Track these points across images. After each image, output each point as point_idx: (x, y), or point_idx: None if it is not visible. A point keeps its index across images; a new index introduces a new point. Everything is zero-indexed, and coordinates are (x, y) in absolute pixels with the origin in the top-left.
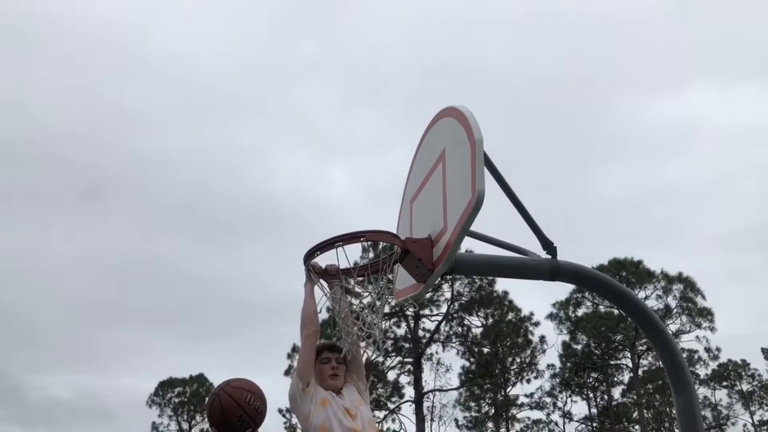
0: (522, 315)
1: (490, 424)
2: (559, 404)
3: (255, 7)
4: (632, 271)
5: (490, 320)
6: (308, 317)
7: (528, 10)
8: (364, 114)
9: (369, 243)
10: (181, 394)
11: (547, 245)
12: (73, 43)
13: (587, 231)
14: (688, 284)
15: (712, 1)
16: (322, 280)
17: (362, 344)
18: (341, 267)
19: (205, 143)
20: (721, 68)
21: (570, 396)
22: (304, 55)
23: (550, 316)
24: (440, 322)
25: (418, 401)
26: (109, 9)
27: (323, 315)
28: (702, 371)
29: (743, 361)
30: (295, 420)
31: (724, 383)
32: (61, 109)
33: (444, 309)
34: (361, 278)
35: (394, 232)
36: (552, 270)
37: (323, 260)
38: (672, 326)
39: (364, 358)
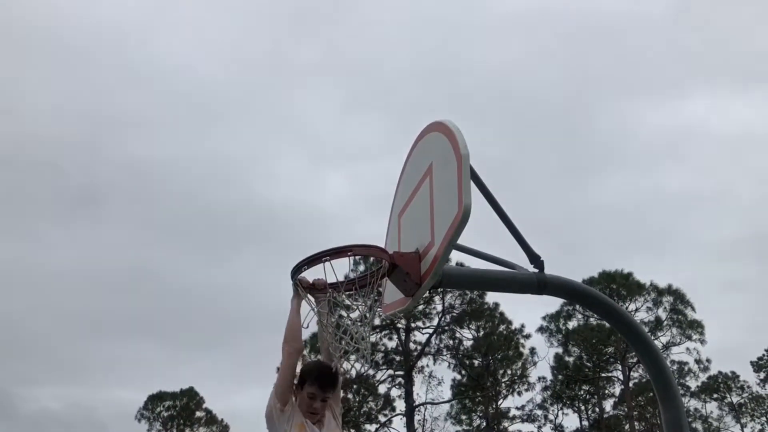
0: (513, 327)
1: None
2: (551, 417)
3: (254, 12)
4: (622, 284)
5: (482, 333)
6: (292, 334)
7: (528, 15)
8: (363, 120)
9: (357, 257)
10: (171, 408)
11: (535, 259)
12: (70, 48)
13: (583, 239)
14: (678, 296)
15: (713, 7)
16: (309, 295)
17: (351, 358)
18: (329, 281)
19: (201, 150)
20: (721, 75)
21: (561, 408)
22: (302, 61)
23: (541, 329)
24: (431, 335)
25: (409, 414)
26: (106, 13)
27: (312, 329)
28: (692, 383)
29: (733, 373)
30: None
31: (715, 395)
32: (57, 114)
33: (435, 322)
34: (349, 292)
35: (383, 245)
36: (539, 283)
37: (311, 275)
38: (662, 338)
39: (341, 379)
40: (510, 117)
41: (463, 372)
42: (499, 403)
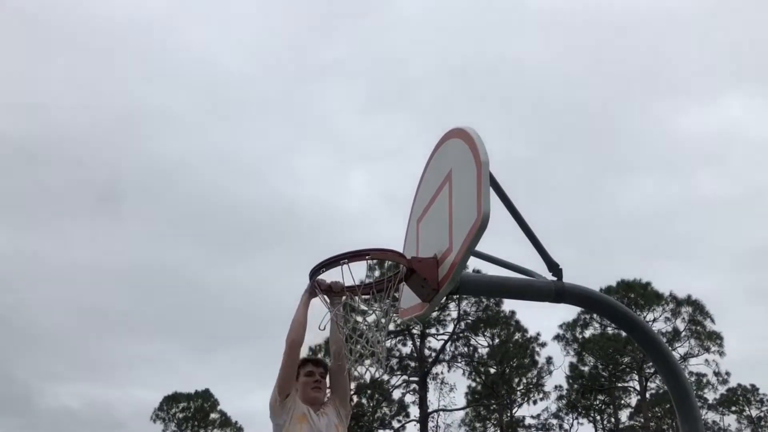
0: (529, 335)
1: None
2: (566, 426)
3: (279, 8)
4: (640, 293)
5: (497, 340)
6: (296, 326)
7: (557, 14)
8: (388, 118)
9: (375, 261)
10: (186, 410)
11: (553, 267)
12: (94, 42)
13: (608, 243)
14: (697, 307)
15: (749, 7)
16: (326, 297)
17: (366, 362)
18: (346, 284)
19: (224, 146)
20: (756, 75)
21: (576, 418)
22: (327, 58)
23: (557, 338)
24: (446, 342)
25: (422, 421)
26: (130, 8)
27: (326, 332)
28: (711, 396)
29: (752, 386)
30: None
31: (733, 408)
32: (79, 109)
33: (450, 328)
34: (366, 296)
35: (401, 250)
36: (557, 292)
37: (328, 277)
38: (680, 350)
39: (351, 384)
40: (537, 117)
41: (478, 379)
42: (513, 411)
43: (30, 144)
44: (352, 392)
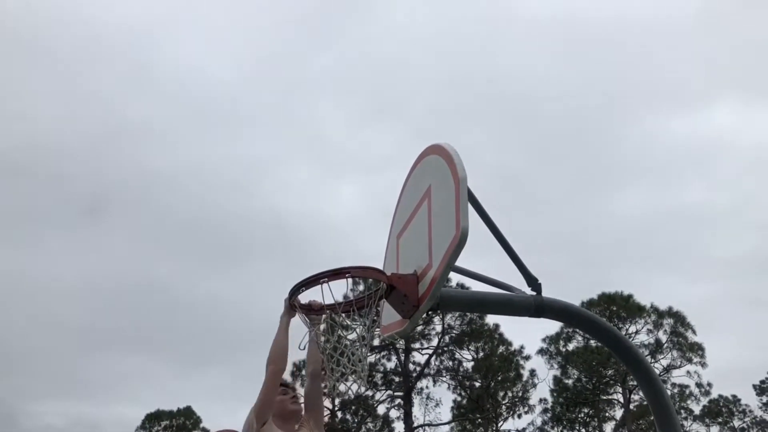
0: (513, 349)
1: None
2: None
3: (266, 18)
4: (622, 306)
5: (481, 354)
6: (279, 354)
7: (548, 23)
8: (377, 129)
9: (355, 278)
10: (168, 428)
11: (532, 282)
12: (77, 53)
13: (597, 253)
14: (679, 319)
15: (738, 13)
16: (306, 316)
17: (348, 380)
18: (326, 303)
19: (210, 159)
20: (747, 83)
21: (562, 431)
22: (315, 68)
23: (541, 351)
24: (431, 356)
25: None
26: (115, 19)
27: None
28: (695, 407)
29: (734, 396)
30: None
31: (719, 419)
32: (62, 121)
33: (434, 342)
34: (346, 314)
35: (381, 267)
36: (537, 307)
37: (308, 296)
38: (662, 361)
39: (336, 401)
40: (527, 127)
41: (463, 393)
42: (499, 425)
43: (11, 156)
44: (336, 408)
